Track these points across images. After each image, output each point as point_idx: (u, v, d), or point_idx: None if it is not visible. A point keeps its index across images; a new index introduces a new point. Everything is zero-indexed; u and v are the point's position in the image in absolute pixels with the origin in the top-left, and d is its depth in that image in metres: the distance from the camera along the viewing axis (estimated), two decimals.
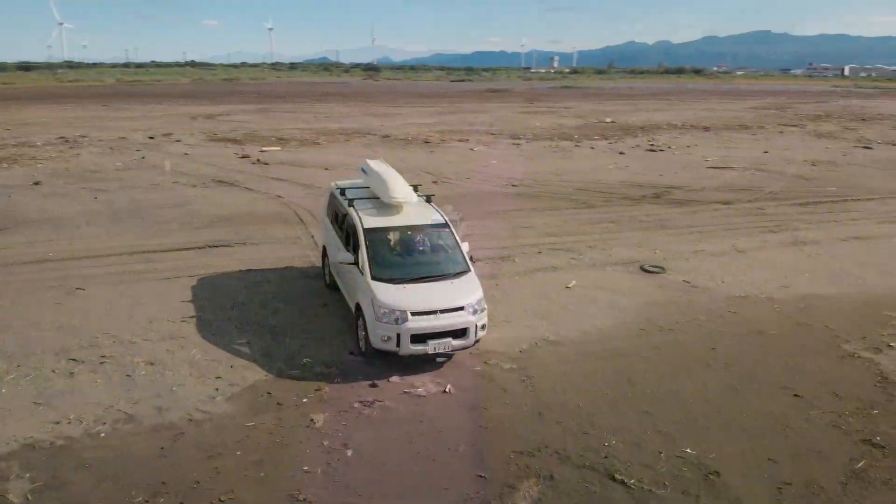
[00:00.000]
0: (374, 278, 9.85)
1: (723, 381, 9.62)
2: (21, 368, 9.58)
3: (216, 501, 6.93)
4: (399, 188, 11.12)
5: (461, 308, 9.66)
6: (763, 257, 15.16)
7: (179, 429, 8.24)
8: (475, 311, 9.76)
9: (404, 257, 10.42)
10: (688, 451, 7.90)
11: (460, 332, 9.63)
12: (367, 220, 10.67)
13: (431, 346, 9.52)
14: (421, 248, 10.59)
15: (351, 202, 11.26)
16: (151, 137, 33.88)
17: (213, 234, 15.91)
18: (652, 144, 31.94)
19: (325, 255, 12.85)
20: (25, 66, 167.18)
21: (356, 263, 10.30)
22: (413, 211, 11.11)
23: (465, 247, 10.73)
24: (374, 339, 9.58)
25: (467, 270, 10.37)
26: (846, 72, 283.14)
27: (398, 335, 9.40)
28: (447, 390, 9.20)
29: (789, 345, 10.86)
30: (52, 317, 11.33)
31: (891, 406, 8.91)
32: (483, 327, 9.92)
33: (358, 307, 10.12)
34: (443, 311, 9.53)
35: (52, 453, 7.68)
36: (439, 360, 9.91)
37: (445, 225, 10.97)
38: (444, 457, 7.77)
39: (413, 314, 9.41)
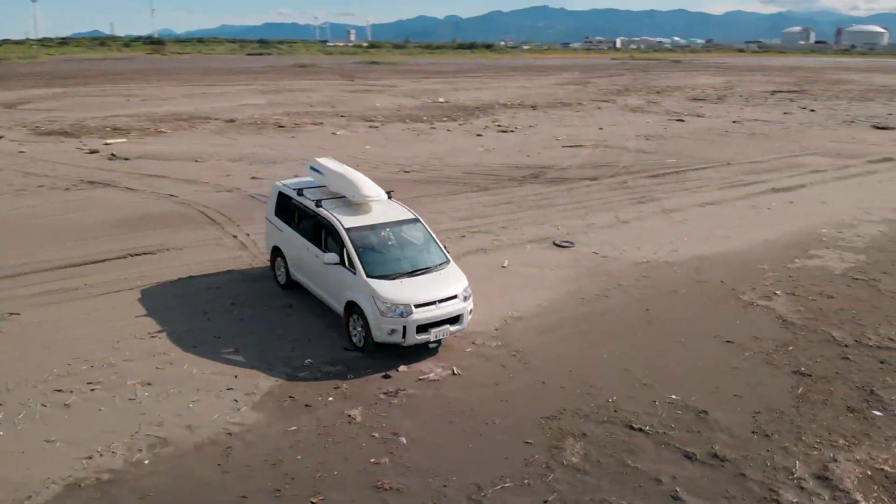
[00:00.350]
0: (369, 276, 10.32)
1: (668, 336, 11.44)
2: (5, 406, 8.85)
3: (310, 503, 7.27)
4: (369, 186, 11.55)
5: (455, 296, 10.49)
6: (643, 226, 17.50)
7: (223, 444, 8.29)
8: (465, 298, 10.64)
9: (390, 253, 10.95)
10: (673, 397, 9.51)
11: (455, 319, 10.47)
12: (344, 220, 11.01)
13: (433, 334, 10.27)
14: (402, 244, 11.18)
15: (318, 203, 11.49)
16: None
17: (125, 242, 14.95)
18: (499, 125, 34.10)
19: (275, 256, 12.87)
20: None
21: (342, 263, 10.67)
22: (382, 208, 11.61)
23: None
24: (378, 334, 10.10)
25: (448, 261, 11.18)
26: (618, 44, 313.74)
27: (404, 327, 10.01)
28: (455, 372, 10.04)
29: (700, 300, 13.02)
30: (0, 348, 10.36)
31: (798, 342, 11.24)
32: (470, 312, 10.83)
33: (350, 305, 10.52)
34: (440, 301, 10.30)
35: (105, 490, 7.44)
36: (431, 345, 10.66)
37: (417, 220, 11.64)
38: (487, 431, 8.66)
39: (416, 306, 10.06)
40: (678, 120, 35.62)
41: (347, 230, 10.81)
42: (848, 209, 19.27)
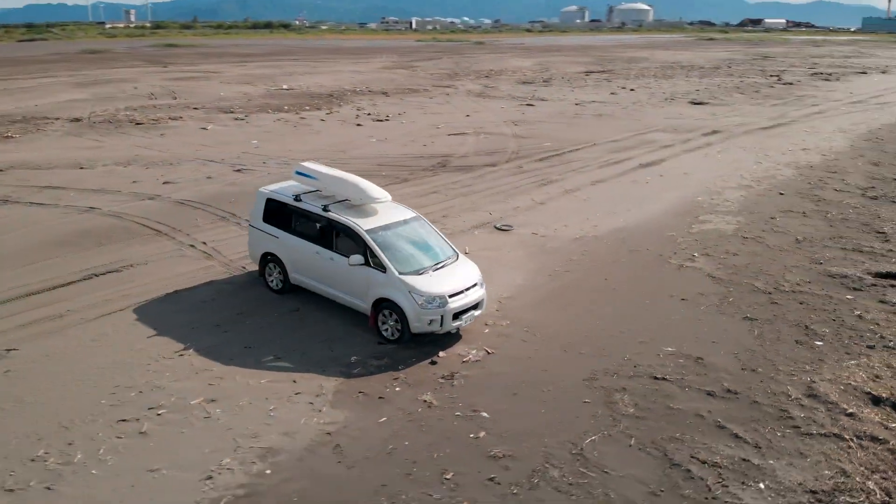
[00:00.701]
0: (401, 273, 11.06)
1: (635, 299, 13.41)
2: (75, 445, 8.55)
3: (444, 481, 8.13)
4: (375, 189, 12.15)
5: (476, 284, 11.58)
6: (558, 206, 19.51)
7: (329, 442, 8.80)
8: (482, 285, 11.77)
9: (410, 251, 11.69)
10: (669, 349, 11.42)
11: (478, 305, 11.59)
12: (361, 222, 11.57)
13: (464, 320, 11.31)
14: (416, 240, 11.96)
15: (326, 207, 11.89)
16: None
17: (79, 263, 13.94)
18: (368, 114, 34.60)
19: (266, 263, 12.98)
20: None
21: (367, 264, 11.27)
22: (385, 208, 12.27)
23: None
24: (417, 325, 10.92)
25: (457, 253, 12.18)
26: (414, 24, 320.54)
27: (442, 317, 10.94)
28: (490, 352, 11.18)
29: (640, 266, 15.21)
30: (21, 390, 9.68)
31: (733, 294, 13.70)
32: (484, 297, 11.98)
33: (380, 302, 11.19)
34: (467, 290, 11.34)
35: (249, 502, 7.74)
36: (452, 331, 11.66)
37: (420, 217, 12.48)
38: (548, 398, 9.96)
39: (450, 296, 11.02)
40: (528, 105, 38.47)
41: (368, 232, 11.41)
42: (708, 178, 22.77)
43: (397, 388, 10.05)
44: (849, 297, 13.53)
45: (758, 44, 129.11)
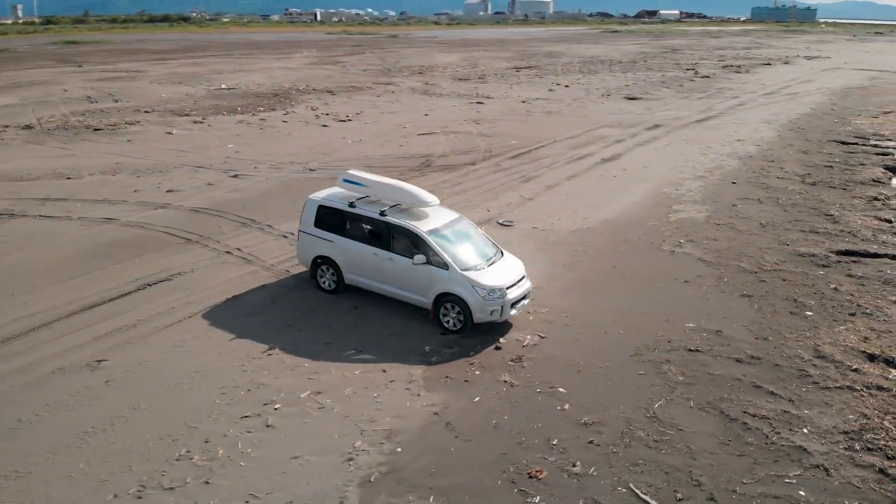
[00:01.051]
0: (463, 269, 12.26)
1: (645, 283, 15.11)
2: (211, 441, 9.33)
3: (552, 447, 9.45)
4: (426, 193, 13.24)
5: (524, 276, 12.93)
6: (546, 201, 21.08)
7: (437, 421, 9.97)
8: (527, 277, 13.12)
9: (466, 248, 12.86)
10: (691, 325, 13.16)
11: (527, 295, 12.95)
12: (419, 225, 12.67)
13: (517, 309, 12.64)
14: (466, 239, 13.15)
15: (383, 213, 12.91)
16: None
17: (123, 275, 14.27)
18: (328, 114, 35.08)
19: (318, 265, 13.83)
20: None
21: (429, 263, 12.40)
22: (433, 210, 13.38)
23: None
24: (480, 316, 12.16)
25: (500, 249, 13.46)
26: (318, 17, 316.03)
27: (502, 307, 12.23)
28: (543, 336, 12.56)
29: (638, 254, 16.96)
30: (131, 397, 10.28)
31: (725, 275, 15.57)
32: None
33: (442, 296, 12.35)
34: (518, 282, 12.67)
35: (396, 478, 8.80)
36: (507, 320, 12.93)
37: (462, 217, 13.68)
38: (607, 372, 11.43)
39: (507, 288, 12.32)
40: (479, 103, 39.97)
41: (428, 233, 12.53)
42: (665, 171, 24.95)
43: (476, 372, 11.28)
44: (821, 272, 15.75)
45: (660, 36, 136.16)
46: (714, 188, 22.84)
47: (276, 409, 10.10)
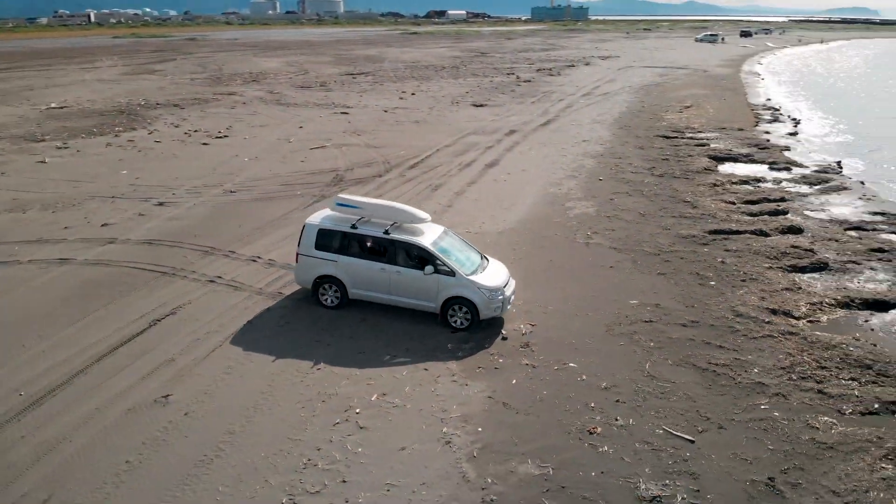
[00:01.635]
0: (468, 275, 14.24)
1: (579, 271, 18.00)
2: (324, 449, 10.56)
3: (590, 409, 11.88)
4: (419, 211, 14.98)
5: (509, 276, 15.21)
6: (461, 207, 23.30)
7: (495, 402, 11.95)
8: (511, 277, 15.43)
9: (460, 257, 14.79)
10: (634, 301, 16.26)
11: (514, 292, 15.24)
12: (422, 239, 14.42)
13: (510, 305, 14.90)
14: (458, 248, 15.08)
15: (387, 231, 14.47)
16: None
17: (121, 316, 14.41)
18: (197, 130, 34.32)
19: (319, 284, 14.98)
20: None
21: (436, 272, 14.22)
22: (425, 225, 15.14)
23: None
24: (486, 312, 14.26)
25: (483, 255, 15.59)
26: (93, 18, 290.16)
27: (502, 303, 14.42)
28: (533, 324, 14.93)
29: (561, 247, 19.87)
30: (221, 423, 11.04)
31: (638, 259, 19.02)
32: None
33: (451, 300, 14.27)
34: (508, 281, 14.92)
35: (489, 450, 10.70)
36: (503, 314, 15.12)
37: (448, 229, 15.60)
38: (597, 346, 14.09)
39: (503, 286, 14.52)
40: (343, 113, 41.18)
41: (432, 245, 14.34)
42: (542, 173, 28.41)
43: (500, 360, 13.40)
44: (705, 249, 19.79)
45: (459, 38, 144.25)
46: (588, 185, 26.63)
47: (357, 412, 11.48)
